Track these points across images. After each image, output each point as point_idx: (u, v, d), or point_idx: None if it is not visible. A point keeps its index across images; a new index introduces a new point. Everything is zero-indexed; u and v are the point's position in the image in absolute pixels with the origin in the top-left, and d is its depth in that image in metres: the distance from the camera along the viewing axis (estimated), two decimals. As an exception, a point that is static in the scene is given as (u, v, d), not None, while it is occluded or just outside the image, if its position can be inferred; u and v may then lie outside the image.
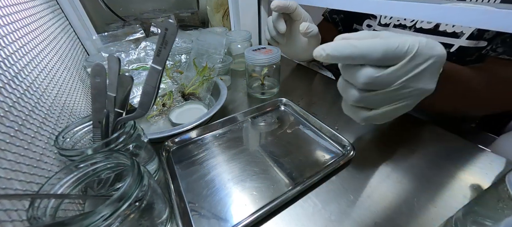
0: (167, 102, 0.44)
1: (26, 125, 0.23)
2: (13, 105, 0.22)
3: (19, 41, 0.27)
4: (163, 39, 0.22)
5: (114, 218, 0.17)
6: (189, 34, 0.61)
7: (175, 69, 0.47)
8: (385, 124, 0.39)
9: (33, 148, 0.23)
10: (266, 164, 0.32)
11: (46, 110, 0.28)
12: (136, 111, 0.25)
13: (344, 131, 0.37)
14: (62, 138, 0.25)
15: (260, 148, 0.35)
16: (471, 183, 0.28)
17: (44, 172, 0.24)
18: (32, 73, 0.28)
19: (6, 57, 0.24)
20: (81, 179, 0.22)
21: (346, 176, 0.30)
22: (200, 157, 0.34)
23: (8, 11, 0.27)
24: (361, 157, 0.33)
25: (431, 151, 0.33)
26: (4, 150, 0.19)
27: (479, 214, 0.20)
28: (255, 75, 0.48)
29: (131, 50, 0.51)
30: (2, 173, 0.19)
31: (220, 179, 0.30)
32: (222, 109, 0.41)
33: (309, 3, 0.47)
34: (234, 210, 0.27)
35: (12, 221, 0.19)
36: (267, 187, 0.29)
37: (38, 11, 0.37)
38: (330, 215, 0.26)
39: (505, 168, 0.30)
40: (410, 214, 0.25)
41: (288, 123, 0.41)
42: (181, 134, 0.36)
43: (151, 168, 0.31)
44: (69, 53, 0.45)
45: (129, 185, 0.18)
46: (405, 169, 0.30)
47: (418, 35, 0.24)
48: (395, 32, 0.48)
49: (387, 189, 0.28)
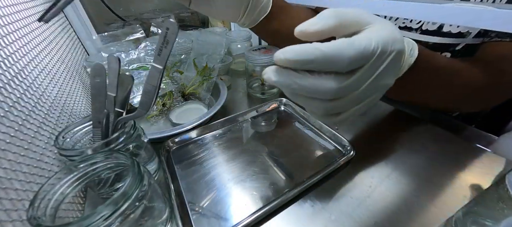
0: (167, 102, 0.44)
1: (26, 125, 0.23)
2: (13, 105, 0.22)
3: (19, 41, 0.27)
4: (164, 38, 0.22)
5: (114, 218, 0.17)
6: (189, 34, 0.61)
7: (175, 69, 0.47)
8: (385, 125, 0.39)
9: (33, 148, 0.23)
10: (266, 164, 0.32)
11: (46, 110, 0.28)
12: (137, 111, 0.25)
13: (344, 131, 0.37)
14: (62, 138, 0.25)
15: (260, 148, 0.35)
16: (471, 183, 0.28)
17: (44, 172, 0.24)
18: (32, 73, 0.28)
19: (6, 57, 0.24)
20: (81, 179, 0.22)
21: (346, 176, 0.30)
22: (200, 157, 0.34)
23: (8, 11, 0.27)
24: (361, 157, 0.33)
25: (431, 151, 0.33)
26: (4, 150, 0.19)
27: (479, 214, 0.20)
28: (255, 75, 0.48)
29: (131, 50, 0.51)
30: (2, 173, 0.19)
31: (220, 179, 0.30)
32: (222, 109, 0.41)
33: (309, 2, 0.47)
34: (234, 210, 0.27)
35: (12, 221, 0.19)
36: (267, 187, 0.29)
37: (38, 11, 0.37)
38: (330, 215, 0.26)
39: (505, 168, 0.30)
40: (410, 214, 0.25)
41: (288, 123, 0.41)
42: (181, 134, 0.36)
43: (151, 168, 0.31)
44: (69, 53, 0.45)
45: (129, 185, 0.18)
46: (405, 169, 0.30)
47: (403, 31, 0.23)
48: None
49: (387, 189, 0.28)
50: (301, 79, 0.19)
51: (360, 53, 0.18)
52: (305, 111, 0.40)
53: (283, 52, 0.18)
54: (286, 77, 0.19)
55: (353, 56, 0.18)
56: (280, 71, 0.20)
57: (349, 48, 0.18)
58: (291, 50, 0.18)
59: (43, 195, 0.19)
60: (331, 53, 0.18)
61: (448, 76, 0.31)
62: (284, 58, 0.18)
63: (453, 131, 0.36)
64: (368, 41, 0.19)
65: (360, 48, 0.18)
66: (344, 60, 0.18)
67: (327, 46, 0.18)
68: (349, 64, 0.18)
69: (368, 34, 0.20)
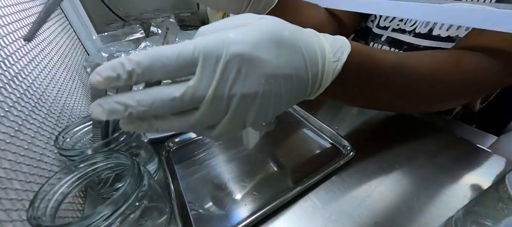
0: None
1: (26, 125, 0.23)
2: (13, 105, 0.22)
3: (19, 41, 0.27)
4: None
5: (114, 218, 0.17)
6: (189, 34, 0.61)
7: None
8: (385, 125, 0.39)
9: (33, 148, 0.23)
10: (266, 164, 0.32)
11: (46, 110, 0.28)
12: None
13: (344, 131, 0.37)
14: (62, 138, 0.25)
15: (260, 148, 0.35)
16: (471, 183, 0.28)
17: (44, 172, 0.24)
18: (32, 73, 0.28)
19: (6, 57, 0.24)
20: (81, 179, 0.22)
21: (346, 176, 0.30)
22: (200, 157, 0.34)
23: (8, 11, 0.27)
24: (361, 157, 0.33)
25: (431, 151, 0.33)
26: (4, 150, 0.19)
27: (479, 214, 0.20)
28: None
29: (131, 50, 0.51)
30: (2, 173, 0.19)
31: (220, 179, 0.30)
32: (222, 109, 0.41)
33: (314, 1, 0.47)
34: (234, 210, 0.27)
35: (12, 221, 0.19)
36: (267, 187, 0.29)
37: (38, 11, 0.37)
38: (330, 215, 0.26)
39: (505, 168, 0.30)
40: (410, 214, 0.25)
41: (288, 123, 0.41)
42: (181, 134, 0.36)
43: (151, 168, 0.31)
44: (69, 53, 0.45)
45: (129, 185, 0.18)
46: (405, 169, 0.30)
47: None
48: (393, 36, 0.46)
49: (387, 189, 0.28)
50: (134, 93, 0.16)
51: (183, 58, 0.15)
52: (305, 111, 0.40)
53: (99, 73, 0.14)
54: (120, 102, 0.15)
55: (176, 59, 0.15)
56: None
57: (173, 52, 0.15)
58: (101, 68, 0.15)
59: (43, 195, 0.19)
60: (153, 59, 0.15)
61: (392, 71, 0.25)
62: (101, 79, 0.14)
63: (453, 131, 0.36)
64: (185, 45, 0.15)
65: (177, 52, 0.15)
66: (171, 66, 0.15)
67: (146, 56, 0.15)
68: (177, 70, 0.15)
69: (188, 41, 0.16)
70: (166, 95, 0.15)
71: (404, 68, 0.26)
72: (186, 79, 0.16)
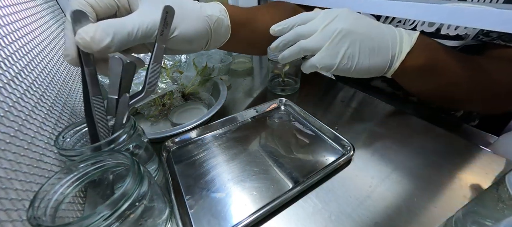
0: (167, 102, 0.44)
1: (26, 125, 0.23)
2: (13, 105, 0.22)
3: (19, 41, 0.27)
4: (164, 21, 0.25)
5: (114, 218, 0.17)
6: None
7: (175, 69, 0.47)
8: (385, 125, 0.39)
9: (33, 148, 0.23)
10: (266, 164, 0.32)
11: (47, 110, 0.28)
12: (145, 92, 0.26)
13: (344, 131, 0.37)
14: (62, 138, 0.25)
15: (260, 148, 0.35)
16: (471, 183, 0.28)
17: (44, 172, 0.24)
18: (33, 73, 0.28)
19: (7, 57, 0.24)
20: (81, 179, 0.22)
21: (346, 176, 0.30)
22: (200, 157, 0.34)
23: (8, 11, 0.27)
24: (361, 157, 0.33)
25: (431, 151, 0.33)
26: (4, 150, 0.19)
27: (479, 214, 0.20)
28: (277, 72, 0.49)
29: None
30: (2, 173, 0.19)
31: (220, 179, 0.30)
32: (222, 109, 0.41)
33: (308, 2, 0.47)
34: (234, 210, 0.27)
35: (12, 221, 0.19)
36: (267, 187, 0.29)
37: (38, 11, 0.37)
38: (330, 215, 0.26)
39: (505, 168, 0.30)
40: (410, 214, 0.25)
41: (288, 123, 0.41)
42: (181, 134, 0.36)
43: (151, 168, 0.31)
44: (69, 53, 0.45)
45: (129, 185, 0.18)
46: (405, 169, 0.30)
47: None
48: None
49: (387, 189, 0.28)
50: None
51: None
52: (305, 111, 0.40)
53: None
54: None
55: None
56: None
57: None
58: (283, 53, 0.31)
59: (43, 195, 0.19)
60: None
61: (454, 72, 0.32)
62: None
63: (453, 131, 0.36)
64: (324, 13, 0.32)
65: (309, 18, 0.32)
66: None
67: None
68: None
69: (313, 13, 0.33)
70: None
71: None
72: None
